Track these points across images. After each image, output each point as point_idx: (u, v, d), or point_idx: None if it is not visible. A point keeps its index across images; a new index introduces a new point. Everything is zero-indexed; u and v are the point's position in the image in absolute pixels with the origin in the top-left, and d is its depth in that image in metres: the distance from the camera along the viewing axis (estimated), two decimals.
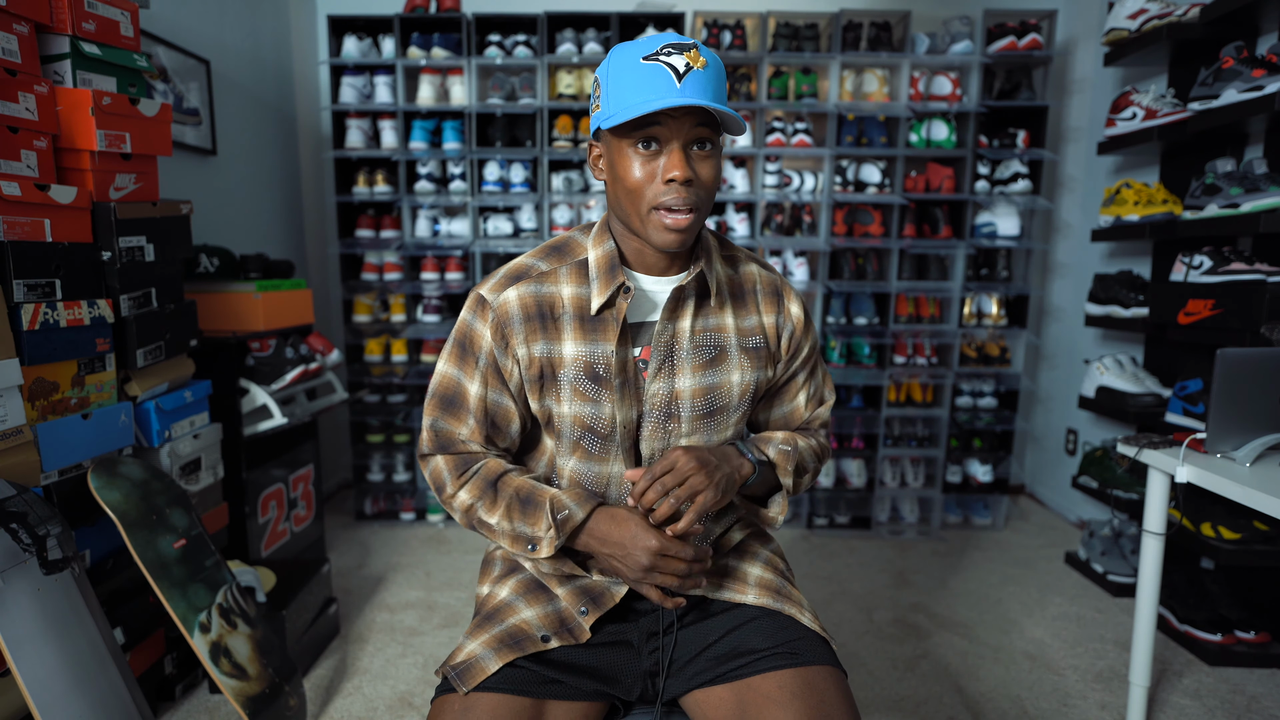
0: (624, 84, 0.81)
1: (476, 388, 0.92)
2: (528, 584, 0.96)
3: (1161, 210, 2.15)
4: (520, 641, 0.88)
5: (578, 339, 0.89)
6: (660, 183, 0.82)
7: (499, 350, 0.90)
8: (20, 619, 1.17)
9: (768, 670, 0.84)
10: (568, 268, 0.92)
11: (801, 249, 2.73)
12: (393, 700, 1.69)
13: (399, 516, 2.87)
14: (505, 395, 0.92)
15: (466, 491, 0.92)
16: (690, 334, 0.91)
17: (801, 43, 2.63)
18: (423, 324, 2.79)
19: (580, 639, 0.90)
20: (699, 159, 0.83)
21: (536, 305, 0.90)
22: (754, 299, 0.97)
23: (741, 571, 0.97)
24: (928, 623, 2.09)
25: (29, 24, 1.37)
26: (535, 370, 0.90)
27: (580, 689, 0.87)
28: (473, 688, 0.83)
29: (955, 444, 2.83)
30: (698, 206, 0.83)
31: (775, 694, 0.82)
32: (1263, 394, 1.33)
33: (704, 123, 0.81)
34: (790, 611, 0.92)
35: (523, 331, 0.89)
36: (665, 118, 0.80)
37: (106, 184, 1.51)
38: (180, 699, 1.66)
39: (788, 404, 1.03)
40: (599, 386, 0.89)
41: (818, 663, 0.85)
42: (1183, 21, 2.07)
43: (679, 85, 0.78)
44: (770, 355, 0.97)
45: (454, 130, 2.67)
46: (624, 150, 0.83)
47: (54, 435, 1.36)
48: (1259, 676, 1.82)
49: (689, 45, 0.80)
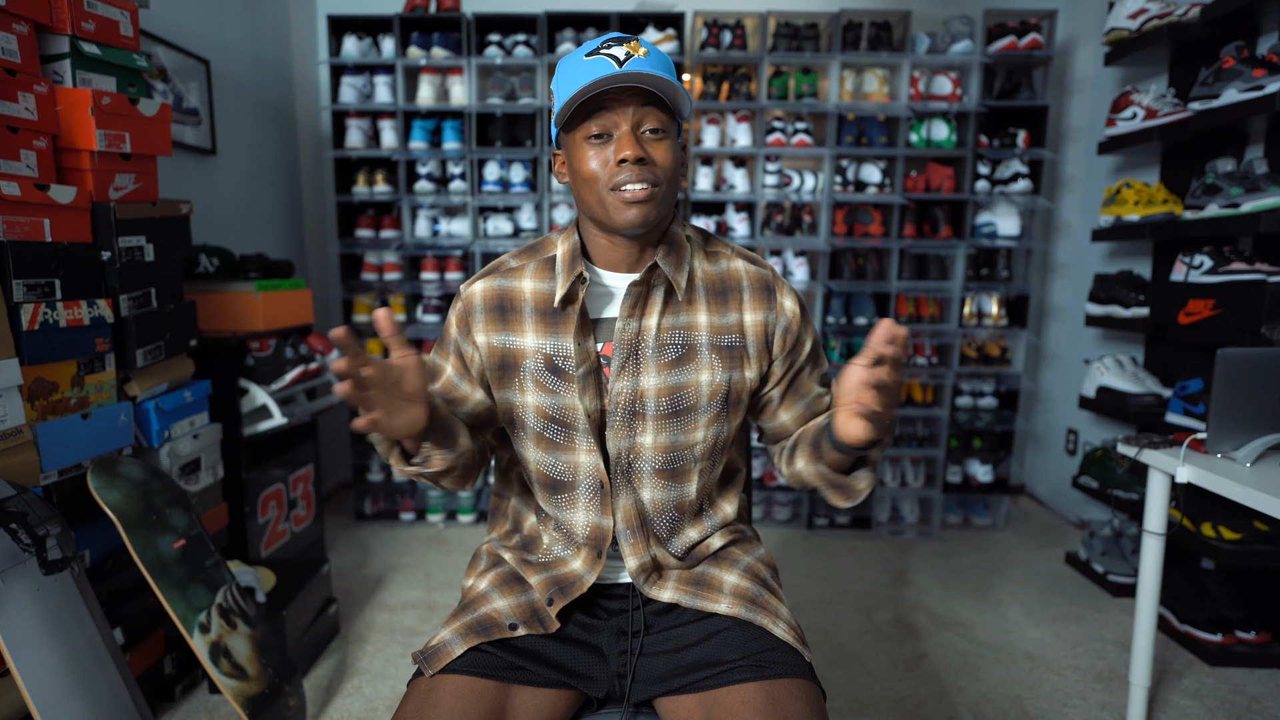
0: (570, 82, 0.83)
1: (448, 370, 0.97)
2: (505, 576, 0.98)
3: (1162, 210, 2.15)
4: (488, 628, 0.90)
5: (539, 331, 0.92)
6: (614, 165, 0.83)
7: (461, 337, 0.95)
8: (20, 619, 1.17)
9: (734, 683, 0.84)
10: (535, 264, 0.95)
11: (801, 249, 2.73)
12: (392, 700, 1.69)
13: (399, 516, 2.87)
14: (465, 380, 0.96)
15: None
16: (656, 332, 0.90)
17: (801, 43, 2.63)
18: (423, 324, 2.79)
19: (549, 629, 0.91)
20: (650, 142, 0.84)
21: (498, 298, 0.93)
22: (737, 296, 0.95)
23: (717, 579, 0.96)
24: (928, 623, 2.09)
25: (29, 24, 1.37)
26: (496, 360, 0.93)
27: (546, 678, 0.88)
28: (438, 670, 0.86)
29: (955, 444, 2.83)
30: (656, 183, 0.84)
31: (738, 709, 0.81)
32: (1263, 394, 1.33)
33: (650, 103, 0.83)
34: (762, 622, 0.90)
35: (482, 321, 0.93)
36: (610, 101, 0.82)
37: (106, 184, 1.51)
38: (180, 699, 1.66)
39: (808, 396, 1.00)
40: (559, 379, 0.91)
41: (786, 675, 0.84)
42: (1183, 21, 2.07)
43: (619, 70, 0.80)
44: (748, 355, 0.94)
45: (454, 130, 2.67)
46: (578, 144, 0.85)
47: (53, 435, 1.36)
48: (1259, 677, 1.82)
49: (630, 39, 0.83)
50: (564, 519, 0.96)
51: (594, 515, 0.94)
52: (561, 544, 0.97)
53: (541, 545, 0.99)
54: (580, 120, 0.84)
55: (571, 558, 0.96)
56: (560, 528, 0.97)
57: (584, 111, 0.83)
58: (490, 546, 1.04)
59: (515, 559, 0.99)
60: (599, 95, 0.82)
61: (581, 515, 0.94)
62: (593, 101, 0.82)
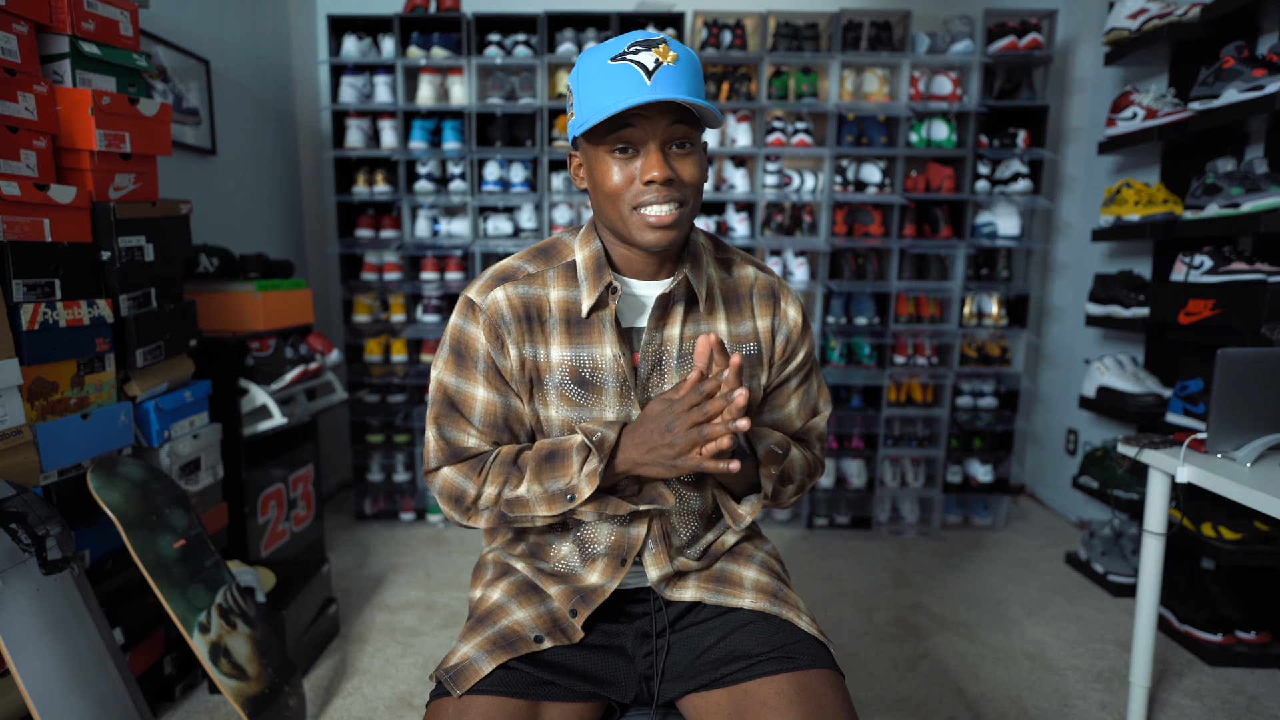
0: (594, 88, 0.79)
1: (481, 392, 0.90)
2: (520, 585, 0.96)
3: (1162, 210, 2.15)
4: (514, 643, 0.87)
5: (564, 343, 0.88)
6: (639, 184, 0.80)
7: (495, 351, 0.88)
8: (20, 619, 1.17)
9: (764, 675, 0.84)
10: (555, 270, 0.90)
11: (801, 249, 2.73)
12: (393, 700, 1.69)
13: (399, 516, 2.87)
14: (510, 395, 0.90)
15: (490, 484, 0.88)
16: (680, 341, 0.89)
17: (802, 42, 2.63)
18: (422, 324, 2.79)
19: (573, 639, 0.90)
20: (678, 157, 0.81)
21: (524, 307, 0.88)
22: (749, 303, 0.94)
23: (737, 575, 0.97)
24: (928, 623, 2.09)
25: (29, 24, 1.37)
26: (525, 373, 0.89)
27: (575, 690, 0.87)
28: (466, 690, 0.82)
29: (955, 444, 2.83)
30: (682, 203, 0.81)
31: (772, 700, 0.81)
32: (1263, 394, 1.33)
33: (680, 119, 0.79)
34: (787, 615, 0.91)
35: (514, 331, 0.87)
36: (638, 118, 0.78)
37: (106, 184, 1.51)
38: (180, 699, 1.66)
39: (779, 411, 0.99)
40: (585, 391, 0.88)
41: (815, 666, 0.85)
42: (1183, 21, 2.07)
43: (649, 83, 0.76)
44: (760, 362, 0.95)
45: (454, 130, 2.67)
46: (601, 156, 0.81)
47: (53, 435, 1.36)
48: (1259, 677, 1.82)
49: (658, 41, 0.78)
50: (586, 529, 0.94)
51: (620, 525, 0.92)
52: (579, 556, 0.95)
53: (553, 554, 0.97)
54: (604, 132, 0.79)
55: (588, 572, 0.94)
56: (581, 540, 0.95)
57: (610, 123, 0.79)
58: (496, 555, 1.02)
59: (528, 568, 0.97)
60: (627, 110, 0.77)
61: (606, 526, 0.93)
62: (620, 115, 0.78)
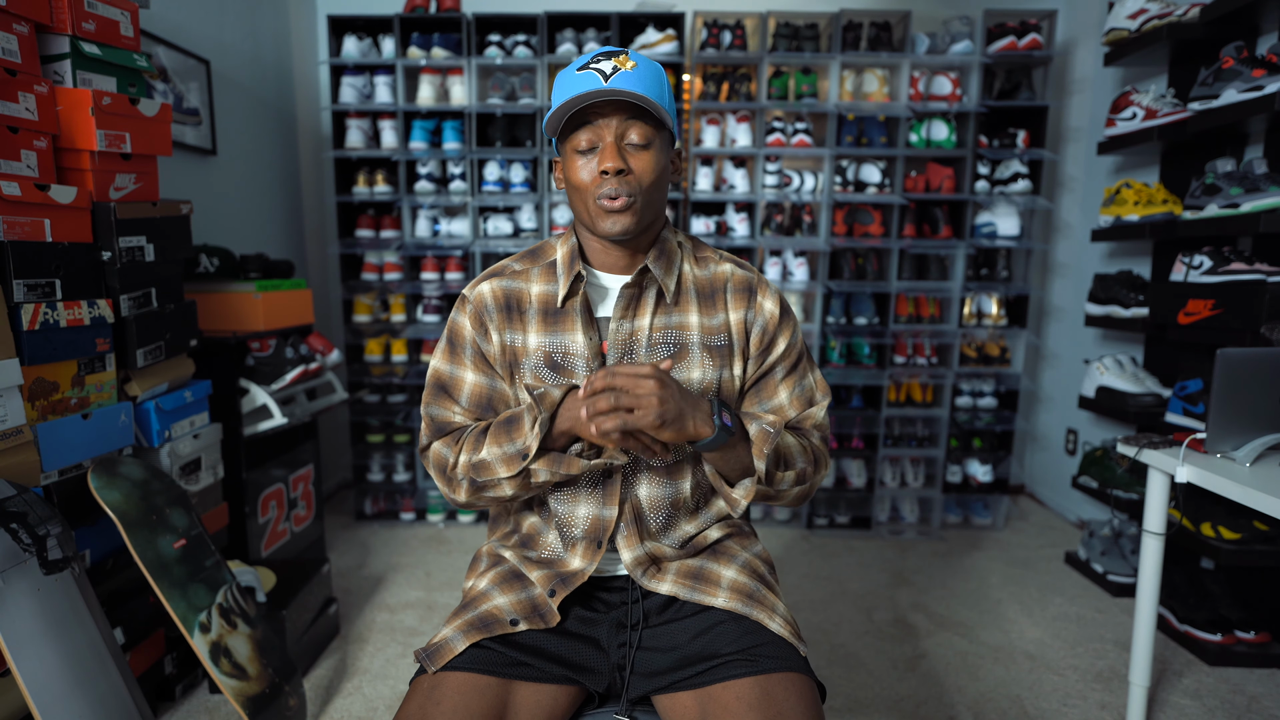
0: (560, 94, 0.89)
1: (470, 375, 0.99)
2: (505, 574, 0.99)
3: (1161, 210, 2.15)
4: (489, 624, 0.91)
5: (540, 330, 0.96)
6: (598, 176, 0.88)
7: (480, 336, 0.98)
8: (20, 619, 1.17)
9: (729, 678, 0.84)
10: (539, 268, 1.00)
11: (801, 249, 2.73)
12: (393, 700, 1.69)
13: (399, 516, 2.87)
14: (496, 378, 0.99)
15: (465, 452, 0.95)
16: (649, 331, 0.95)
17: (801, 43, 2.63)
18: (423, 324, 2.79)
19: (550, 623, 0.92)
20: (633, 153, 0.89)
21: (505, 297, 0.98)
22: (723, 297, 0.99)
23: (715, 573, 0.97)
24: (927, 623, 2.09)
25: (29, 24, 1.37)
26: (506, 357, 0.97)
27: (548, 673, 0.89)
28: (440, 667, 0.87)
29: (955, 444, 2.83)
30: (633, 194, 0.88)
31: (733, 704, 0.82)
32: (1263, 394, 1.33)
33: (635, 117, 0.88)
34: (758, 616, 0.91)
35: (496, 318, 0.97)
36: (594, 115, 0.87)
37: (106, 184, 1.51)
38: (180, 699, 1.66)
39: (769, 401, 1.01)
40: (558, 375, 0.95)
41: (780, 670, 0.85)
42: (1183, 21, 2.07)
43: (605, 84, 0.85)
44: (733, 353, 0.98)
45: (454, 130, 2.67)
46: (571, 155, 0.91)
47: (54, 435, 1.36)
48: (1259, 676, 1.82)
49: (619, 52, 0.89)
50: (564, 513, 0.97)
51: (594, 508, 0.96)
52: (561, 541, 0.99)
53: (541, 542, 1.00)
54: (570, 132, 0.90)
55: (570, 556, 0.97)
56: (561, 524, 0.98)
57: (573, 124, 0.89)
58: (490, 548, 1.06)
59: (516, 556, 1.01)
60: (586, 109, 0.87)
61: (583, 509, 0.96)
62: (580, 115, 0.88)
